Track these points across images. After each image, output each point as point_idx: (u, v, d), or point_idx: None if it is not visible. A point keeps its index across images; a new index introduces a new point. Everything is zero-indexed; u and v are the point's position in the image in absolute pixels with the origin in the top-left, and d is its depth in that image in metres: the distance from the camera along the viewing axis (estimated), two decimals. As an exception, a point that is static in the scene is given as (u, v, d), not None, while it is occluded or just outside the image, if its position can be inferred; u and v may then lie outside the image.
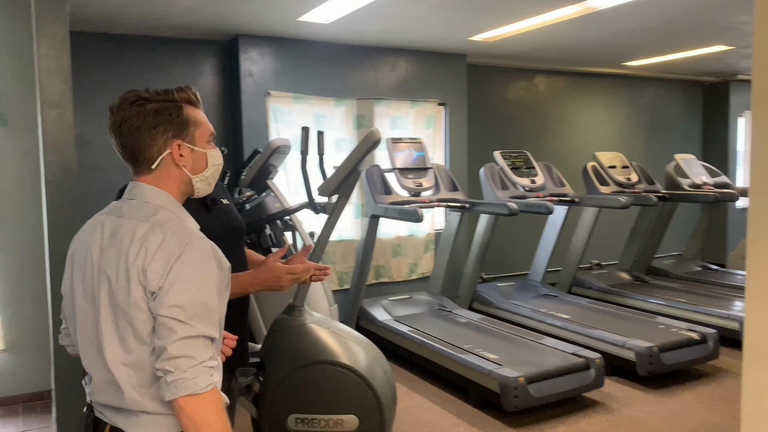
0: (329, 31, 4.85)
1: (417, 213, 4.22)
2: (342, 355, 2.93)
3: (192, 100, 1.42)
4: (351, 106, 5.46)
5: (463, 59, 5.98)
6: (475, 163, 5.98)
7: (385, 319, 4.86)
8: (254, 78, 5.01)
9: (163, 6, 4.05)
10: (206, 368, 1.23)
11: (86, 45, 4.62)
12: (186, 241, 1.26)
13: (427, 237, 5.95)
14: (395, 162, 4.91)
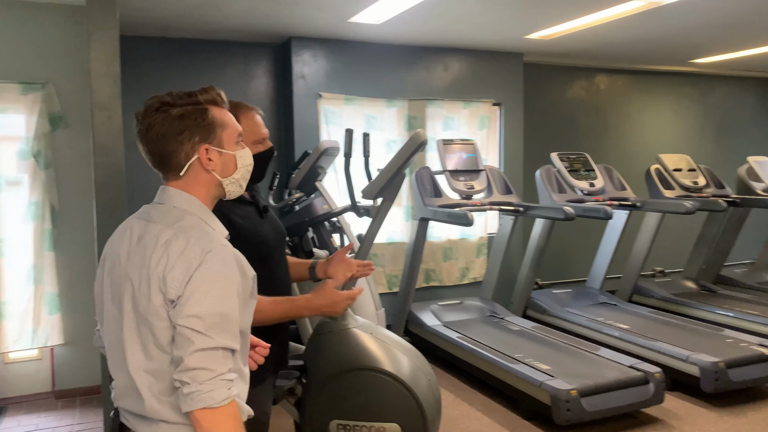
0: (380, 31, 4.80)
1: (467, 217, 4.10)
2: (384, 362, 2.87)
3: (217, 100, 1.38)
4: (402, 107, 5.39)
5: (519, 58, 5.82)
6: (531, 166, 5.80)
7: (434, 325, 4.77)
8: (306, 80, 5.02)
9: (216, 10, 4.10)
10: (224, 381, 1.19)
11: (143, 49, 4.75)
12: (208, 249, 1.23)
13: (480, 241, 5.82)
14: (446, 164, 4.81)
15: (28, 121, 3.86)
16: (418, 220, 4.80)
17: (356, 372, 2.84)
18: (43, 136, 3.89)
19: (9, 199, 3.87)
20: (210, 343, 1.18)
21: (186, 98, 1.33)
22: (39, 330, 3.92)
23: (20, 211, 3.89)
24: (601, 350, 4.04)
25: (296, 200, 4.09)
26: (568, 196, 5.05)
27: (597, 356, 3.94)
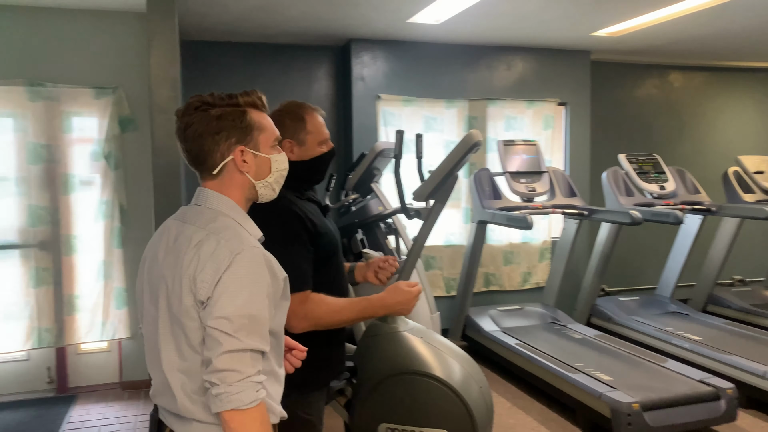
0: (440, 31, 4.75)
1: (526, 220, 3.99)
2: (434, 367, 2.82)
3: (257, 104, 1.38)
4: (462, 107, 5.31)
5: (586, 56, 5.61)
6: (598, 168, 5.58)
7: (492, 330, 4.66)
8: (365, 82, 5.03)
9: (276, 13, 4.17)
10: (252, 383, 1.19)
11: (207, 54, 4.90)
12: (237, 251, 1.23)
13: (543, 245, 5.65)
14: (507, 165, 4.70)
15: (100, 124, 4.05)
16: (476, 223, 4.72)
17: (405, 376, 2.81)
18: (114, 138, 4.07)
19: (82, 198, 4.08)
20: (238, 345, 1.18)
21: (226, 99, 1.34)
22: (108, 323, 4.10)
23: (92, 209, 4.09)
24: (669, 362, 3.82)
25: (352, 201, 4.10)
26: (636, 200, 4.82)
27: (663, 368, 3.73)
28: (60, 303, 4.04)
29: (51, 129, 3.98)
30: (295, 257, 1.73)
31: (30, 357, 4.11)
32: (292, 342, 1.54)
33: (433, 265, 5.36)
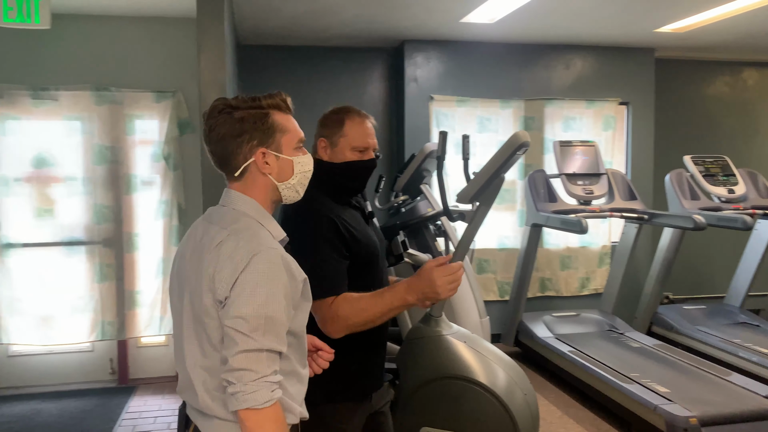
0: (494, 30, 4.67)
1: (581, 224, 3.86)
2: (477, 372, 2.76)
3: (281, 106, 1.39)
4: (519, 107, 5.20)
5: (650, 53, 5.38)
6: (661, 170, 5.33)
7: (545, 337, 4.54)
8: (418, 83, 5.01)
9: (330, 16, 4.22)
10: (267, 383, 1.20)
11: (262, 58, 5.00)
12: (255, 252, 1.23)
13: (602, 250, 5.46)
14: (563, 167, 4.56)
15: (161, 127, 4.21)
16: (529, 226, 4.61)
17: (447, 380, 2.77)
18: (173, 140, 4.22)
19: (143, 197, 4.25)
20: (253, 344, 1.19)
21: (249, 102, 1.36)
22: (165, 318, 4.26)
23: (152, 208, 4.26)
24: (733, 376, 3.61)
25: (401, 203, 4.09)
26: (702, 204, 4.58)
27: (727, 382, 3.52)
28: (122, 298, 4.23)
29: (115, 131, 4.17)
30: (325, 261, 1.69)
31: (94, 348, 4.32)
32: (318, 342, 1.53)
33: (486, 269, 5.28)
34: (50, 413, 3.81)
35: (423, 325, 2.96)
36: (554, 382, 4.31)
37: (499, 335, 5.07)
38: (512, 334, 4.85)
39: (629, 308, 5.13)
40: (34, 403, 3.96)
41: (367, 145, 1.84)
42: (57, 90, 4.05)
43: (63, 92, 4.06)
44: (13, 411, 3.85)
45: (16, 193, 4.07)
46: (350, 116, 1.85)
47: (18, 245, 4.10)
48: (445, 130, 2.98)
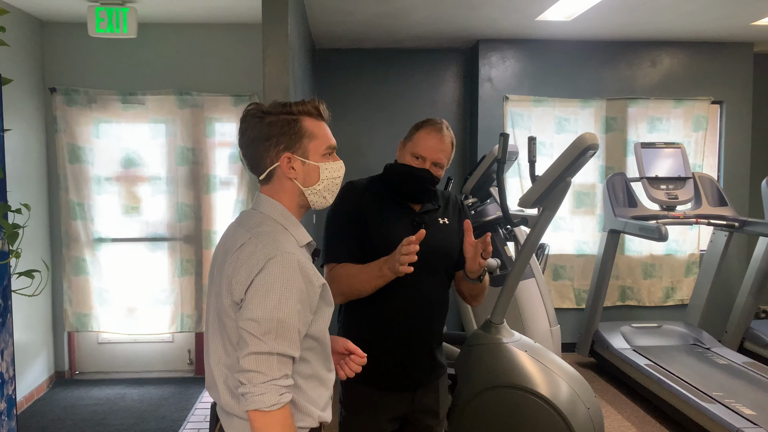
0: (572, 28, 4.49)
1: (660, 230, 3.64)
2: (538, 383, 2.68)
3: (312, 112, 1.39)
4: (599, 107, 4.98)
5: (747, 48, 4.99)
6: (759, 173, 4.95)
7: (622, 348, 4.31)
8: (492, 83, 4.91)
9: (402, 18, 4.22)
10: (276, 386, 1.21)
11: (337, 61, 5.08)
12: (270, 256, 1.25)
13: (690, 258, 5.12)
14: (645, 170, 4.32)
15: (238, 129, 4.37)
16: (607, 232, 4.40)
17: (505, 389, 2.70)
18: (249, 141, 4.37)
19: (221, 197, 4.44)
20: (263, 347, 1.21)
21: (281, 108, 1.37)
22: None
23: (229, 207, 4.43)
24: (833, 403, 3.28)
25: (469, 206, 4.02)
26: (804, 211, 4.19)
27: (825, 409, 3.21)
28: (200, 292, 4.43)
29: (196, 133, 4.37)
30: (330, 233, 1.89)
31: (174, 339, 4.56)
32: (351, 346, 1.53)
33: (562, 275, 5.09)
34: (132, 398, 4.06)
35: (483, 331, 2.91)
36: (630, 396, 4.09)
37: (574, 344, 4.87)
38: (587, 343, 4.65)
39: (718, 322, 4.79)
40: (119, 388, 4.23)
41: (424, 154, 1.87)
42: (144, 95, 4.31)
43: (149, 96, 4.31)
44: (101, 394, 4.13)
45: (107, 191, 4.37)
46: (425, 125, 1.92)
47: (108, 240, 4.39)
48: (507, 132, 2.90)
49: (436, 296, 1.96)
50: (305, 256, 1.34)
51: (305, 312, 1.27)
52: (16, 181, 3.92)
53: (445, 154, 1.88)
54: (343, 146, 5.06)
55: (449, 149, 1.90)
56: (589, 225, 5.05)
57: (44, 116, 4.28)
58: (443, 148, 1.88)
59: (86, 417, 3.77)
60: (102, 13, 3.68)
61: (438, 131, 1.88)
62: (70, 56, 4.30)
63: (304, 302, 1.27)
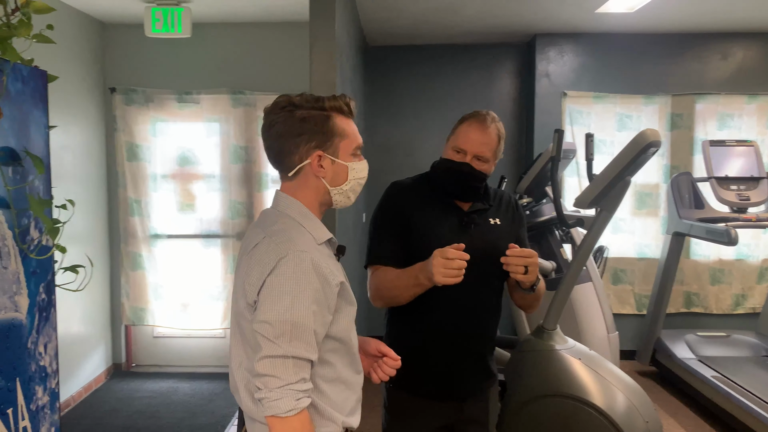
0: (634, 20, 4.28)
1: (729, 234, 3.41)
2: (592, 393, 2.54)
3: (343, 109, 1.33)
4: (664, 103, 4.73)
5: (832, 38, 4.63)
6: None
7: (686, 358, 4.07)
8: (550, 78, 4.74)
9: (455, 13, 4.12)
10: (292, 391, 1.16)
11: (389, 58, 5.02)
12: (283, 255, 1.20)
13: (763, 264, 4.80)
14: (713, 169, 4.06)
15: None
16: (671, 235, 4.17)
17: (557, 399, 2.57)
18: (300, 140, 4.38)
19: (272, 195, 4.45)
20: (277, 350, 1.16)
21: (312, 102, 1.31)
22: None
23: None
24: None
25: (524, 206, 3.88)
26: None
27: None
28: (251, 289, 4.47)
29: (248, 132, 4.41)
30: (374, 235, 1.83)
31: (226, 335, 4.62)
32: (384, 348, 1.47)
33: (623, 280, 4.87)
34: (185, 392, 4.13)
35: (534, 337, 2.79)
36: (693, 408, 3.86)
37: (634, 352, 4.65)
38: (648, 352, 4.42)
39: (795, 333, 4.45)
40: (172, 382, 4.32)
41: (465, 147, 1.77)
42: (198, 94, 4.38)
43: (204, 96, 4.38)
44: (155, 387, 4.23)
45: (163, 189, 4.47)
46: (468, 119, 1.82)
47: (163, 236, 4.49)
48: (561, 129, 2.76)
49: (487, 303, 1.86)
50: (323, 254, 1.28)
51: (322, 312, 1.22)
52: (77, 179, 4.06)
53: (488, 147, 1.76)
54: (394, 144, 5.02)
55: (494, 142, 1.78)
56: (652, 227, 4.80)
57: (104, 115, 4.42)
58: (486, 140, 1.76)
59: (140, 409, 3.86)
60: (158, 14, 3.76)
61: (481, 123, 1.78)
62: (128, 57, 4.42)
63: (321, 302, 1.22)
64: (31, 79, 1.50)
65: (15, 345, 1.44)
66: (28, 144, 1.47)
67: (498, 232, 1.84)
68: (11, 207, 1.39)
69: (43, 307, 1.57)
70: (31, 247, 1.47)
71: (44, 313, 1.59)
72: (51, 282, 1.62)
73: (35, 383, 1.53)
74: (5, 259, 1.38)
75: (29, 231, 1.48)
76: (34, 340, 1.53)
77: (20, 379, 1.46)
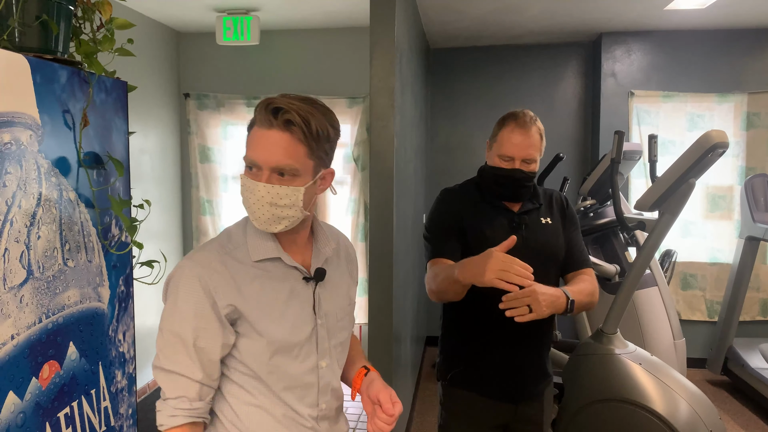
0: (706, 16, 4.12)
1: (807, 238, 3.24)
2: (653, 400, 2.49)
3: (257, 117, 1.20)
4: (740, 102, 4.53)
5: None
6: None
7: (761, 368, 3.89)
8: (616, 78, 4.64)
9: (516, 14, 4.10)
10: (169, 407, 1.13)
11: (451, 60, 5.04)
12: (181, 264, 1.17)
13: None
14: (792, 171, 3.87)
15: (352, 130, 4.50)
16: (744, 239, 4.00)
17: (616, 404, 2.54)
18: (362, 142, 4.48)
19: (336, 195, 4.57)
20: (159, 362, 1.15)
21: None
22: (350, 309, 4.54)
23: (343, 205, 4.57)
24: None
25: (587, 207, 3.82)
26: None
27: None
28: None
29: (313, 134, 4.54)
30: (432, 233, 1.86)
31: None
32: (382, 397, 1.24)
33: (693, 285, 4.70)
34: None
35: (593, 341, 2.76)
36: (767, 419, 3.70)
37: (705, 360, 4.48)
38: (720, 360, 4.25)
39: None
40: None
41: (512, 154, 1.77)
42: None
43: (271, 100, 4.54)
44: (223, 379, 4.41)
45: (233, 189, 4.67)
46: (507, 123, 1.81)
47: (232, 235, 4.69)
48: (621, 130, 2.72)
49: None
50: (244, 272, 1.16)
51: (212, 329, 1.13)
52: (153, 180, 4.31)
53: (534, 148, 1.77)
54: (455, 146, 5.05)
55: (538, 142, 1.78)
56: (725, 231, 4.61)
57: (179, 120, 4.67)
58: (531, 143, 1.76)
59: (209, 399, 4.05)
60: (228, 23, 3.94)
61: (522, 126, 1.76)
62: (201, 64, 4.65)
63: (208, 318, 1.13)
64: (113, 90, 1.64)
65: (98, 332, 1.58)
66: (110, 149, 1.61)
67: (550, 231, 1.86)
68: (95, 206, 1.53)
69: (122, 298, 1.71)
70: (111, 243, 1.61)
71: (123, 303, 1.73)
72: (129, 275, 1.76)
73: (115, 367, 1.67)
74: (90, 253, 1.52)
75: (110, 228, 1.62)
76: (114, 328, 1.67)
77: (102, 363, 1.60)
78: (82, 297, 1.50)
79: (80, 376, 1.49)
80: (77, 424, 1.48)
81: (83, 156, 1.49)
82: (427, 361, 4.90)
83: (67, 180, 1.43)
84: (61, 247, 1.41)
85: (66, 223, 1.42)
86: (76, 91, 1.46)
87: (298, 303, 1.21)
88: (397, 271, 3.07)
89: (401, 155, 3.15)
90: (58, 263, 1.40)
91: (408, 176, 3.50)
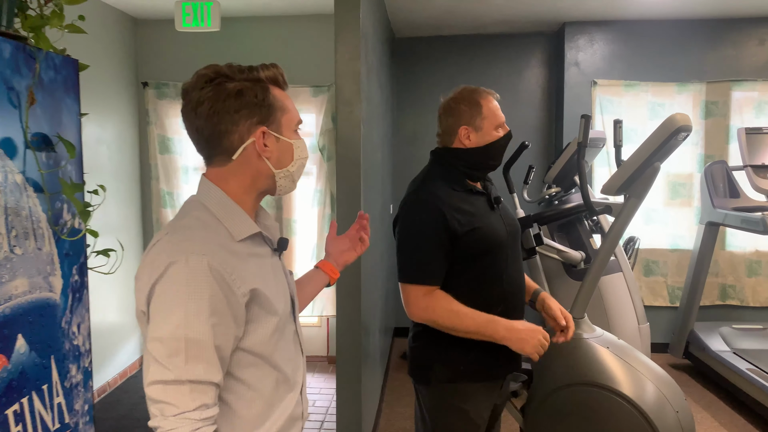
0: (667, 6, 4.18)
1: (765, 222, 3.32)
2: (620, 382, 2.51)
3: (279, 80, 1.15)
4: (698, 91, 4.62)
5: None
6: None
7: (721, 350, 3.99)
8: (579, 67, 4.67)
9: (483, 3, 4.09)
10: (189, 420, 0.99)
11: (416, 49, 5.01)
12: (173, 260, 1.00)
13: (803, 255, 4.66)
14: (749, 158, 3.96)
15: (317, 120, 4.42)
16: (704, 225, 4.08)
17: (584, 387, 2.55)
18: (327, 132, 4.42)
19: (300, 186, 4.50)
20: (170, 375, 0.98)
21: (246, 73, 1.11)
22: (317, 300, 4.48)
23: (308, 197, 4.50)
24: None
25: (552, 195, 3.85)
26: None
27: None
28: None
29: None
30: (424, 250, 1.72)
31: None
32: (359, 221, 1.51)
33: (655, 271, 4.78)
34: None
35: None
36: (728, 402, 3.78)
37: (667, 345, 4.57)
38: (682, 344, 4.34)
39: (836, 326, 4.31)
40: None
41: (503, 120, 1.86)
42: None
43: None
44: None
45: (194, 181, 4.55)
46: (483, 96, 1.83)
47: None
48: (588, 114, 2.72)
49: (522, 279, 1.92)
50: (238, 254, 1.08)
51: (225, 324, 1.02)
52: (111, 171, 4.17)
53: None
54: (421, 136, 5.02)
55: None
56: (686, 218, 4.71)
57: (137, 109, 4.52)
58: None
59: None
60: (188, 8, 3.81)
61: (492, 92, 1.86)
62: (160, 52, 4.51)
63: (222, 313, 1.02)
64: (63, 68, 1.55)
65: (49, 323, 1.49)
66: (61, 130, 1.52)
67: (509, 211, 1.93)
68: (44, 190, 1.44)
69: (76, 288, 1.62)
70: (63, 229, 1.52)
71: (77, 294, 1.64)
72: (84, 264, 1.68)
73: (69, 361, 1.58)
74: (39, 240, 1.44)
75: (62, 214, 1.53)
76: (68, 320, 1.58)
77: (54, 357, 1.51)
78: (31, 286, 1.41)
79: (30, 370, 1.41)
80: (28, 421, 1.39)
81: (31, 137, 1.40)
82: (395, 352, 4.88)
83: (13, 162, 1.34)
84: (6, 233, 1.32)
85: (12, 208, 1.33)
86: (21, 68, 1.37)
87: (280, 275, 1.19)
88: (365, 263, 3.02)
89: (368, 142, 3.11)
90: (3, 250, 1.31)
91: (375, 164, 3.45)
